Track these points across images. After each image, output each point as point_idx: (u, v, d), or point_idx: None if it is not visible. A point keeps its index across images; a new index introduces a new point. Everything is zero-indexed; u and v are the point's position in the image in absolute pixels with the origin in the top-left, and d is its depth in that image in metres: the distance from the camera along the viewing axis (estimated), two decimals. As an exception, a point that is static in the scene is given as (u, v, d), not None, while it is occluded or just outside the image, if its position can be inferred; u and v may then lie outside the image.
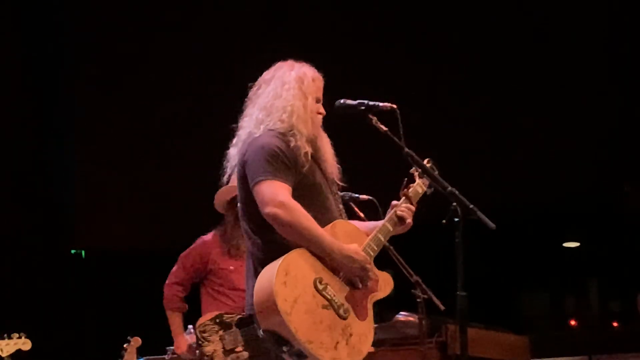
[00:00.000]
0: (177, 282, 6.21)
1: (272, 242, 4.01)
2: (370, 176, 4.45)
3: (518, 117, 9.94)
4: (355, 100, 4.28)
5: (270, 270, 3.87)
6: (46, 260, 9.94)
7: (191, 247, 6.24)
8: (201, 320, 6.00)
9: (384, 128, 4.20)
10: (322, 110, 4.28)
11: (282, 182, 3.99)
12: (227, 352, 5.89)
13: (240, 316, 5.79)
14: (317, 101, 4.26)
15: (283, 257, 3.89)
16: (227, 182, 4.27)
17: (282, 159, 4.03)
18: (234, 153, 4.23)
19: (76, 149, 10.63)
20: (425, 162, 4.39)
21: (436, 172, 4.35)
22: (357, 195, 4.62)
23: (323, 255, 3.97)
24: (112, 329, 8.19)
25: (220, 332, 5.94)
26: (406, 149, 4.13)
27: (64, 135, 10.52)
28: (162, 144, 10.32)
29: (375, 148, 4.41)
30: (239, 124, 4.25)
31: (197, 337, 5.98)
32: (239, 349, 5.84)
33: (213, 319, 5.98)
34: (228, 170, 4.29)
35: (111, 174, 10.33)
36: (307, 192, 4.08)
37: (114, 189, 10.25)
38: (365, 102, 4.25)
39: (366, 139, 4.33)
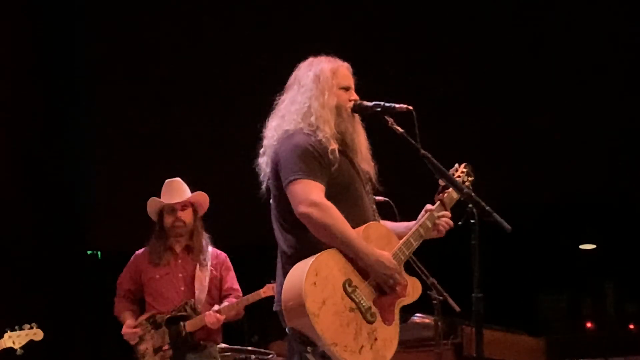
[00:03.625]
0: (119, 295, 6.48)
1: (304, 241, 4.00)
2: (385, 177, 4.43)
3: (533, 116, 9.90)
4: (371, 101, 4.28)
5: (301, 270, 3.86)
6: (62, 260, 9.96)
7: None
8: (138, 320, 6.23)
9: (400, 129, 4.19)
10: (352, 96, 4.26)
11: (315, 182, 3.98)
12: (156, 350, 6.13)
13: (169, 316, 6.14)
14: (346, 89, 4.24)
15: (314, 256, 3.88)
16: (267, 193, 4.26)
17: (315, 158, 4.02)
18: (263, 162, 4.22)
19: (94, 150, 10.65)
20: (462, 166, 4.42)
21: (472, 178, 4.38)
22: (372, 196, 4.61)
23: (354, 258, 3.95)
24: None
25: (152, 332, 6.15)
26: (422, 151, 4.12)
27: (82, 137, 10.54)
28: (179, 147, 10.32)
29: (391, 149, 4.39)
30: (264, 134, 4.25)
31: None
32: (166, 347, 6.09)
33: (147, 319, 6.22)
34: (263, 179, 4.24)
35: (128, 175, 10.34)
36: (340, 191, 4.07)
37: (130, 191, 10.24)
38: (382, 103, 4.24)
39: (382, 139, 4.33)
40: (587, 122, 9.72)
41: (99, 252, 10.96)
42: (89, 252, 10.92)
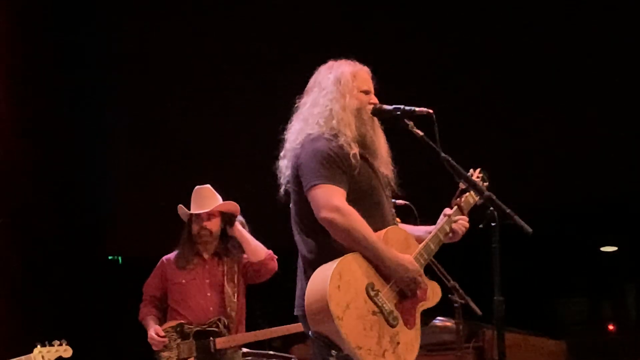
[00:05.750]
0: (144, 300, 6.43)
1: (325, 245, 4.00)
2: (405, 180, 4.44)
3: (554, 118, 9.87)
4: (391, 105, 4.28)
5: (324, 273, 3.86)
6: (83, 265, 10.00)
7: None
8: (164, 326, 6.19)
9: (420, 133, 4.18)
10: (372, 99, 4.27)
11: (337, 187, 3.99)
12: None
13: (198, 329, 6.10)
14: (366, 93, 4.25)
15: (338, 260, 3.88)
16: (285, 196, 4.26)
17: (336, 163, 4.02)
18: (283, 165, 4.23)
19: (114, 155, 10.68)
20: (477, 171, 4.42)
21: (487, 183, 4.38)
22: (393, 200, 4.62)
23: (376, 262, 3.96)
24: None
25: (178, 341, 6.13)
26: (442, 154, 4.12)
27: (101, 142, 10.58)
28: (199, 152, 10.34)
29: (411, 152, 4.40)
30: (285, 137, 4.25)
31: None
32: (191, 359, 6.07)
33: (174, 327, 6.17)
34: (283, 182, 4.25)
35: (148, 180, 10.37)
36: (360, 195, 4.07)
37: (152, 196, 10.28)
38: (401, 107, 4.23)
39: (402, 143, 4.33)
40: (608, 124, 9.68)
41: (119, 257, 10.99)
42: (110, 257, 10.95)
